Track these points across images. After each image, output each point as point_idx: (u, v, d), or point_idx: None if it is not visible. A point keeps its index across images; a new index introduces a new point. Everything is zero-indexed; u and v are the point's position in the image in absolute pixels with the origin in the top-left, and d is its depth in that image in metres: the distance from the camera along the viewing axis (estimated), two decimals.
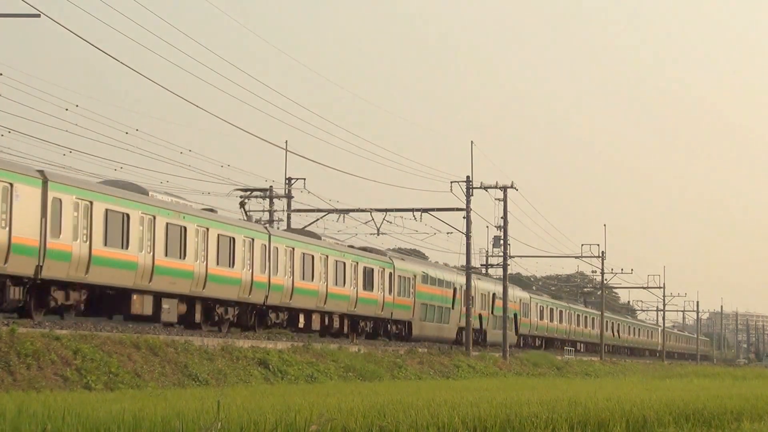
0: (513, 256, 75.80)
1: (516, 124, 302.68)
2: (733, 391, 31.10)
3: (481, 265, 76.84)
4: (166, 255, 37.54)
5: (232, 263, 41.82)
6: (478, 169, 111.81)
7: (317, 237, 52.41)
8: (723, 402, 24.30)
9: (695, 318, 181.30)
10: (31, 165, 34.36)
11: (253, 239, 43.59)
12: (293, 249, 46.99)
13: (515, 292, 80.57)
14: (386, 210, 61.59)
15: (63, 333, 30.52)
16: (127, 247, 35.52)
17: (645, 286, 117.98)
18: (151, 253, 36.72)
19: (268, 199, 62.79)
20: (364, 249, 57.28)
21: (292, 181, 63.56)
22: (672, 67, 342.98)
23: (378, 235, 61.90)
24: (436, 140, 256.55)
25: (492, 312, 74.65)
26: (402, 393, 27.32)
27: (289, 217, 63.08)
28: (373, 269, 54.17)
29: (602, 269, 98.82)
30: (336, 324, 51.73)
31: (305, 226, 58.35)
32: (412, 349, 53.98)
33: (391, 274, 56.34)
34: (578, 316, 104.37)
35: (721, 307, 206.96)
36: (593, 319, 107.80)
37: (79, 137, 39.85)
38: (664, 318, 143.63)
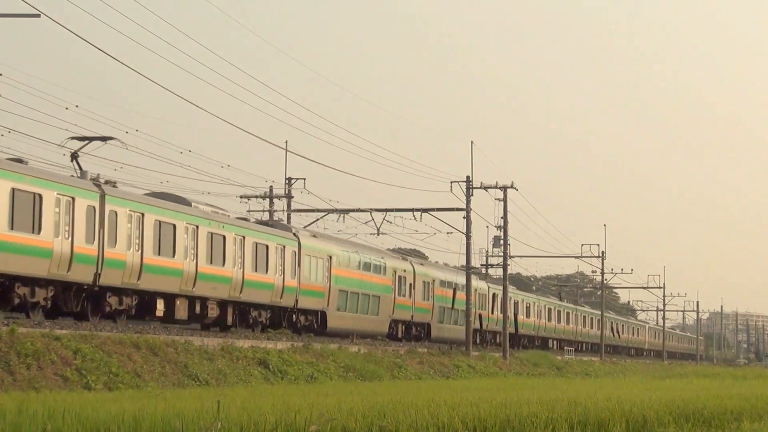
0: (513, 256, 75.84)
1: (516, 124, 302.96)
2: (733, 391, 31.09)
3: (481, 265, 76.81)
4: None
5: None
6: (478, 169, 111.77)
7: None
8: (723, 402, 24.30)
9: (695, 318, 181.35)
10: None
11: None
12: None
13: (478, 283, 72.47)
14: (386, 210, 61.59)
15: (63, 333, 30.52)
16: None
17: (645, 286, 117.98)
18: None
19: (268, 199, 62.85)
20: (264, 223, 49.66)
21: (292, 181, 63.57)
22: (672, 67, 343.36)
23: (378, 235, 61.96)
24: (436, 140, 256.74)
25: (435, 303, 64.20)
26: (402, 393, 27.32)
27: (289, 217, 63.08)
28: (267, 246, 45.46)
29: (602, 269, 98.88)
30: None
31: (305, 226, 58.36)
32: (413, 349, 53.99)
33: (294, 252, 47.77)
34: (550, 309, 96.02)
35: (721, 307, 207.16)
36: (568, 313, 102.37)
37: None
38: (664, 318, 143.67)
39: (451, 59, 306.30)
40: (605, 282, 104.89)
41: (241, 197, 61.26)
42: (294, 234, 48.43)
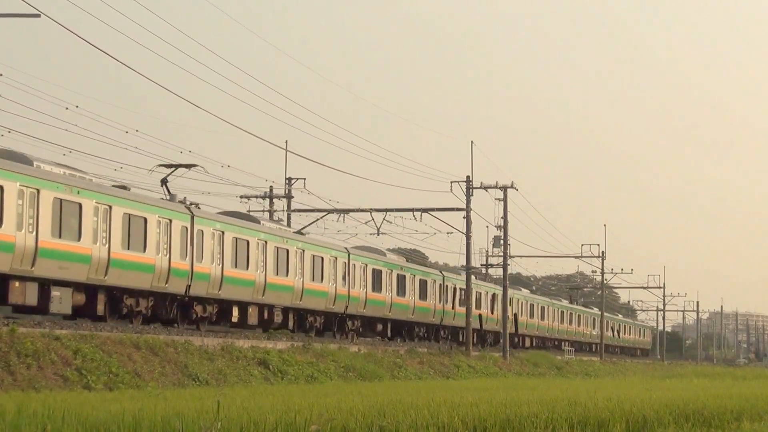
0: (513, 256, 75.85)
1: (516, 124, 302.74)
2: (733, 391, 31.10)
3: (481, 265, 76.88)
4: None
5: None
6: (478, 169, 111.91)
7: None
8: (723, 402, 24.30)
9: (695, 318, 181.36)
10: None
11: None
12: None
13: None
14: (386, 210, 61.60)
15: (63, 333, 30.54)
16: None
17: (645, 286, 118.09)
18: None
19: (268, 199, 62.85)
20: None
21: (292, 181, 63.57)
22: (673, 66, 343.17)
23: (378, 235, 61.97)
24: (436, 140, 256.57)
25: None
26: (402, 393, 27.32)
27: (289, 217, 63.10)
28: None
29: (602, 269, 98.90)
30: None
31: (305, 226, 58.40)
32: (413, 349, 54.01)
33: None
34: (520, 302, 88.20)
35: (721, 307, 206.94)
36: (543, 307, 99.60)
37: (79, 137, 39.87)
38: (664, 318, 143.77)
39: (451, 59, 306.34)
40: (605, 282, 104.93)
41: (241, 197, 61.30)
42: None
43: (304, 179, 63.06)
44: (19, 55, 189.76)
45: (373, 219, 61.53)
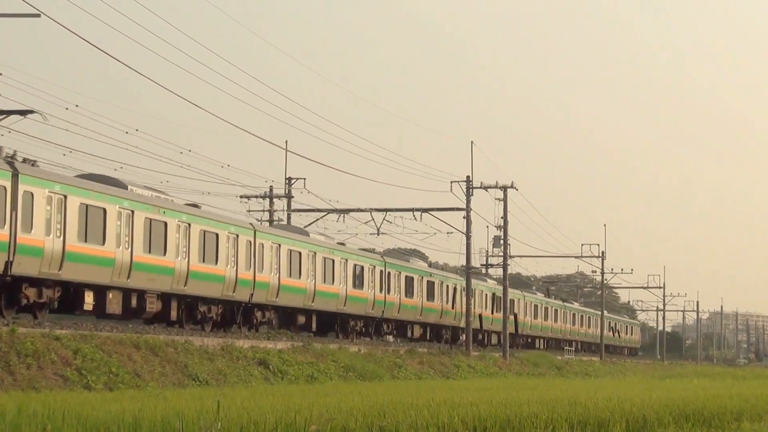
0: (513, 256, 75.82)
1: (516, 124, 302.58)
2: (733, 391, 31.10)
3: (481, 265, 76.78)
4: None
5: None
6: (478, 169, 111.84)
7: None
8: (723, 402, 24.30)
9: (695, 318, 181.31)
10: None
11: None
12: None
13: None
14: (386, 210, 61.60)
15: (63, 333, 30.53)
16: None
17: (645, 286, 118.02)
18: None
19: (268, 199, 62.83)
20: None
21: (292, 181, 63.54)
22: (673, 66, 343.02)
23: (378, 235, 61.98)
24: (436, 140, 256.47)
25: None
26: (402, 393, 27.33)
27: (289, 217, 63.11)
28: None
29: (602, 269, 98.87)
30: None
31: (305, 226, 58.39)
32: (413, 349, 54.01)
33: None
34: (491, 294, 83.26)
35: (721, 307, 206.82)
36: (519, 301, 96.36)
37: (79, 137, 39.84)
38: (664, 318, 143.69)
39: (452, 59, 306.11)
40: (605, 282, 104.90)
41: (241, 197, 61.29)
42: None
43: (304, 179, 63.11)
44: (19, 55, 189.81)
45: (373, 219, 61.56)
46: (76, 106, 38.09)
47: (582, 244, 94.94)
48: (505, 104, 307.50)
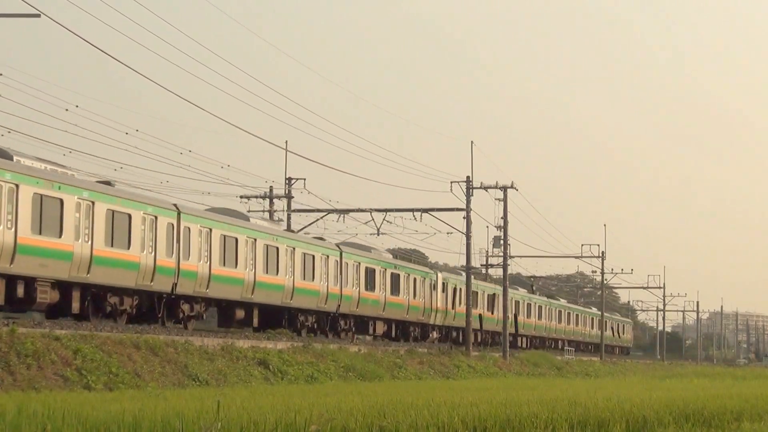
0: (513, 256, 75.86)
1: (516, 124, 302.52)
2: (733, 391, 31.10)
3: (481, 265, 76.84)
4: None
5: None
6: (478, 169, 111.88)
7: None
8: (723, 402, 24.30)
9: (695, 318, 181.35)
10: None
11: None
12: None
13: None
14: (386, 210, 61.62)
15: (63, 333, 30.52)
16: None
17: (645, 286, 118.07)
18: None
19: (268, 199, 62.84)
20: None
21: (292, 181, 63.55)
22: (673, 66, 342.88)
23: (378, 235, 61.97)
24: (436, 140, 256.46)
25: None
26: (402, 393, 27.32)
27: (289, 217, 63.10)
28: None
29: (602, 269, 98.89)
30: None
31: (305, 227, 58.43)
32: (413, 349, 54.03)
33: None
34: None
35: (721, 307, 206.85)
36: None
37: (79, 137, 39.86)
38: (664, 318, 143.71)
39: (451, 59, 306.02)
40: (605, 282, 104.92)
41: (241, 197, 61.31)
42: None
43: (304, 179, 63.14)
44: (19, 55, 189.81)
45: (373, 219, 61.57)
46: (76, 106, 38.15)
47: (582, 244, 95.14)
48: (505, 104, 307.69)
